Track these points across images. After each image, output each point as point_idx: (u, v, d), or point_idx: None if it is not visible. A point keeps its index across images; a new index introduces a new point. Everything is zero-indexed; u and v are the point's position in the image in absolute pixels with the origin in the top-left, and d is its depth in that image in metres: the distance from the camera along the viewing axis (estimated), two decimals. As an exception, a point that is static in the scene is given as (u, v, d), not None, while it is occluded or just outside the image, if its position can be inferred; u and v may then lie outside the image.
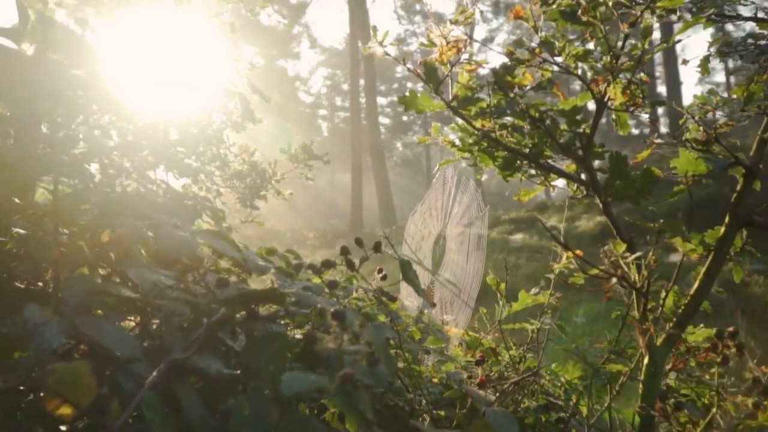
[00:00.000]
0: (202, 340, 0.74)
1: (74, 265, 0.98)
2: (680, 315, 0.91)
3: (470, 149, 0.98)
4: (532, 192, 1.18)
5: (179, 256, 0.75)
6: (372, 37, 1.10)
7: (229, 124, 3.12)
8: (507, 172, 1.01)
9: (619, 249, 0.81)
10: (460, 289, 1.43)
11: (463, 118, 0.92)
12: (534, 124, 0.82)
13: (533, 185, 1.31)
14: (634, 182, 0.86)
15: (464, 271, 1.43)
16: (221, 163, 3.36)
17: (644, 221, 0.92)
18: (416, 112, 0.98)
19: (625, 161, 0.86)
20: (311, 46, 54.78)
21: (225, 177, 3.46)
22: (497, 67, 0.80)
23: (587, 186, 0.89)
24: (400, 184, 43.61)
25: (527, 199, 1.20)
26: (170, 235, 0.77)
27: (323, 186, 43.93)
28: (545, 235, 16.23)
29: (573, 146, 0.87)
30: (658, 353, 0.87)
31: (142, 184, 2.20)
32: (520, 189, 1.19)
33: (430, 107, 0.97)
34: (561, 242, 0.82)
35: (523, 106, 0.84)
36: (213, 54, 2.91)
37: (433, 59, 1.00)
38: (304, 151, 3.89)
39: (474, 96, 0.89)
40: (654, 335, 0.85)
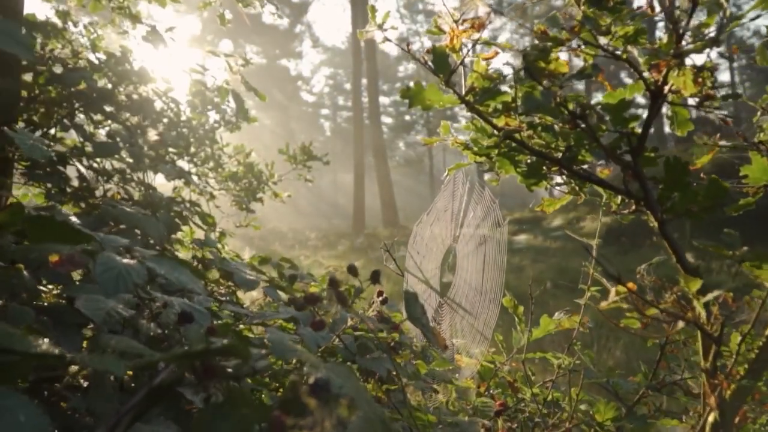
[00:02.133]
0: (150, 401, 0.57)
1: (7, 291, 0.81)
2: (755, 361, 0.74)
3: (488, 153, 0.81)
4: (558, 202, 1.01)
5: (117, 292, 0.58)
6: (370, 19, 0.93)
7: (222, 123, 2.95)
8: (532, 180, 0.84)
9: (693, 286, 0.64)
10: (474, 316, 1.25)
11: (481, 116, 0.75)
12: (573, 121, 0.66)
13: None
14: (697, 195, 0.69)
15: (478, 293, 1.25)
16: (215, 164, 3.20)
17: (719, 248, 0.74)
18: (423, 108, 0.81)
19: (686, 169, 0.69)
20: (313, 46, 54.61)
21: (219, 179, 3.30)
22: (528, 49, 0.63)
23: (637, 200, 0.72)
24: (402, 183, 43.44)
25: (552, 210, 1.03)
26: (107, 265, 0.60)
27: (325, 186, 43.80)
28: (549, 235, 16.02)
29: (619, 150, 0.70)
30: (728, 409, 0.70)
31: (123, 189, 2.04)
32: (543, 199, 1.02)
33: (440, 102, 0.80)
34: (614, 275, 0.66)
35: (559, 99, 0.68)
36: (205, 48, 2.75)
37: (443, 45, 0.83)
38: (303, 151, 3.72)
39: (495, 88, 0.72)
40: (725, 389, 0.69)
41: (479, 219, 1.28)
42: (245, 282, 1.54)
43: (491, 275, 1.20)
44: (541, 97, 0.64)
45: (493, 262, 1.20)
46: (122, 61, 2.34)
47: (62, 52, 2.33)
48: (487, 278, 1.21)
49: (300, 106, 44.95)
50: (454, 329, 1.33)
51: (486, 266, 1.22)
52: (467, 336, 1.27)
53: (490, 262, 1.21)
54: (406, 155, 49.31)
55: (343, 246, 16.21)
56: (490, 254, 1.21)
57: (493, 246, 1.21)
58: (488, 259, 1.22)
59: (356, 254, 14.05)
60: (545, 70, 0.62)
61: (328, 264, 12.78)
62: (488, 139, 0.82)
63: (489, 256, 1.22)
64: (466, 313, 1.27)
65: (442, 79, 0.79)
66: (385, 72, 41.56)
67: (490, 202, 1.28)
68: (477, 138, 0.95)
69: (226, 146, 3.11)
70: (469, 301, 1.30)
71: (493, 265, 1.20)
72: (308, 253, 15.01)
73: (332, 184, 45.95)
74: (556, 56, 0.64)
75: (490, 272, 1.21)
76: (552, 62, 0.63)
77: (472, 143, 0.99)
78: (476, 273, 1.26)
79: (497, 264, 1.19)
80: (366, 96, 25.08)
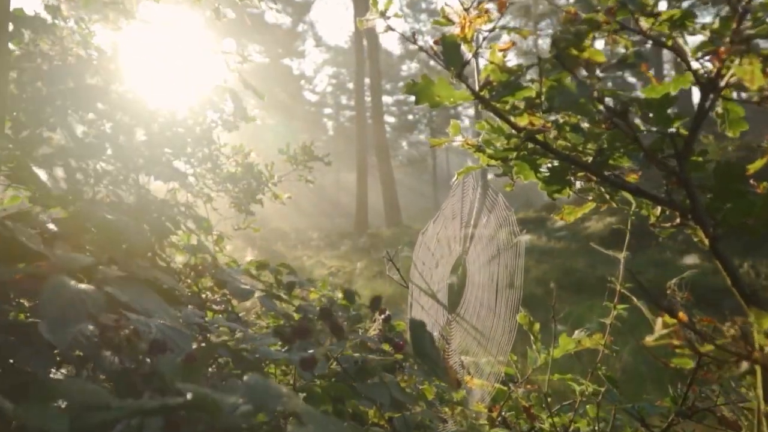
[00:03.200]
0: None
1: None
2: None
3: (505, 156, 0.71)
4: (579, 210, 0.91)
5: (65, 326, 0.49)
6: (372, 6, 0.83)
7: (220, 123, 2.86)
8: (554, 187, 0.75)
9: (765, 323, 0.54)
10: (486, 338, 1.15)
11: (498, 114, 0.65)
12: (609, 120, 0.56)
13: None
14: (754, 206, 0.59)
15: (491, 311, 1.15)
16: (213, 165, 3.11)
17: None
18: (431, 105, 0.71)
19: (741, 175, 0.59)
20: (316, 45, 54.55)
21: (217, 180, 3.20)
22: (558, 34, 0.53)
23: (682, 211, 0.62)
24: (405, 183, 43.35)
25: (573, 218, 0.93)
26: (56, 292, 0.51)
27: (328, 185, 43.75)
28: (554, 236, 15.88)
29: (661, 153, 0.60)
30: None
31: (113, 191, 1.94)
32: (564, 207, 0.92)
33: (450, 98, 0.70)
34: (662, 303, 0.56)
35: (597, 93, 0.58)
36: (200, 45, 2.65)
37: (454, 34, 0.73)
38: (304, 151, 3.63)
39: (516, 81, 0.62)
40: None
41: (492, 229, 1.17)
42: (239, 292, 1.45)
43: (507, 293, 1.09)
44: (577, 91, 0.54)
45: (508, 278, 1.09)
46: (114, 59, 2.25)
47: (53, 48, 2.24)
48: (501, 296, 1.11)
49: (303, 106, 44.88)
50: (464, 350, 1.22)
51: (500, 282, 1.12)
52: (479, 358, 1.17)
53: (505, 277, 1.11)
54: (409, 154, 49.22)
55: (345, 246, 16.12)
56: (505, 269, 1.11)
57: (509, 260, 1.10)
58: (503, 274, 1.12)
59: (359, 254, 13.95)
60: (579, 59, 0.53)
61: (331, 264, 12.70)
62: (505, 140, 0.73)
63: (504, 271, 1.11)
64: (478, 333, 1.17)
65: (453, 72, 0.69)
66: (388, 71, 41.47)
67: (504, 211, 1.17)
68: (491, 139, 0.85)
69: (224, 146, 3.02)
70: (481, 320, 1.19)
71: (508, 281, 1.09)
72: (311, 254, 14.93)
73: (335, 184, 45.89)
74: (590, 43, 0.54)
75: (505, 289, 1.10)
76: (586, 50, 0.53)
77: (485, 145, 0.89)
78: (489, 289, 1.16)
79: (513, 280, 1.09)
80: (369, 95, 24.99)
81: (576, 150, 0.68)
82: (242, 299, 1.43)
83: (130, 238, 1.15)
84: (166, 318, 0.58)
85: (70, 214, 1.20)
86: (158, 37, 2.64)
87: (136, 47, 2.57)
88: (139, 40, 2.58)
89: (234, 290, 1.41)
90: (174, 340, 0.72)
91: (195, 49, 2.72)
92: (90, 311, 0.50)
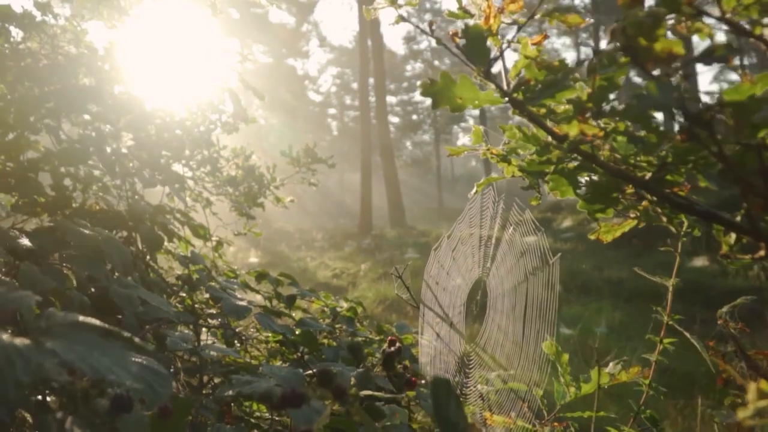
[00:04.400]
0: None
1: None
2: None
3: (541, 169, 0.60)
4: (618, 228, 0.79)
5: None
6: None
7: (219, 125, 2.75)
8: (597, 206, 0.63)
9: None
10: (510, 374, 1.03)
11: (536, 121, 0.53)
12: (689, 130, 0.44)
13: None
14: None
15: (517, 346, 1.01)
16: (212, 168, 3.00)
17: None
18: (452, 109, 0.60)
19: None
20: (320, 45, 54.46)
21: (217, 183, 3.10)
22: (623, 22, 0.42)
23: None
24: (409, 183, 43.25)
25: (610, 238, 0.81)
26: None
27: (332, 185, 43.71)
28: (560, 237, 15.71)
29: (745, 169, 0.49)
30: None
31: (103, 198, 1.83)
32: (600, 225, 0.80)
33: (475, 101, 0.59)
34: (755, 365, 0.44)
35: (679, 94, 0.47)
36: (200, 44, 2.55)
37: (479, 24, 0.62)
38: (307, 153, 3.52)
39: (563, 79, 0.50)
40: None
41: (519, 250, 1.04)
42: (235, 309, 1.34)
43: (536, 325, 0.96)
44: (659, 94, 0.43)
45: (538, 309, 0.96)
46: (107, 58, 2.14)
47: (44, 47, 2.14)
48: (530, 329, 0.97)
49: (307, 106, 44.79)
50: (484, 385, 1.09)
51: (529, 312, 0.98)
52: (502, 397, 1.04)
53: (535, 307, 0.97)
54: (413, 155, 49.10)
55: (350, 247, 16.01)
56: (535, 297, 0.98)
57: (539, 287, 0.97)
58: (532, 303, 0.98)
59: (363, 256, 13.84)
60: (652, 52, 0.41)
61: (335, 266, 12.59)
62: (540, 151, 0.61)
63: (533, 300, 0.98)
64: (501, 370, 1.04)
65: (479, 70, 0.57)
66: (393, 71, 41.36)
67: (532, 228, 1.04)
68: (516, 147, 0.74)
69: (223, 148, 2.91)
70: (506, 355, 1.06)
71: (538, 312, 0.96)
72: (314, 255, 14.82)
73: (339, 184, 45.83)
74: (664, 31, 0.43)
75: (534, 321, 0.97)
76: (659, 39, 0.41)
77: (510, 153, 0.77)
78: (515, 320, 1.02)
79: (545, 311, 0.95)
80: (373, 95, 24.89)
81: (627, 163, 0.57)
82: (238, 318, 1.32)
83: (111, 257, 1.04)
84: (125, 379, 0.47)
85: (45, 228, 1.08)
86: (156, 36, 2.53)
87: (132, 46, 2.47)
88: (135, 39, 2.47)
89: (229, 308, 1.30)
90: (149, 385, 0.61)
91: (194, 48, 2.61)
92: (20, 378, 0.39)
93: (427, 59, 42.47)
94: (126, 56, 2.37)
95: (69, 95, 1.91)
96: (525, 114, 0.55)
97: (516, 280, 1.03)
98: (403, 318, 8.05)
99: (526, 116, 0.55)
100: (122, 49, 2.36)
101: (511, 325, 1.04)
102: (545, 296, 0.91)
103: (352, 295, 10.08)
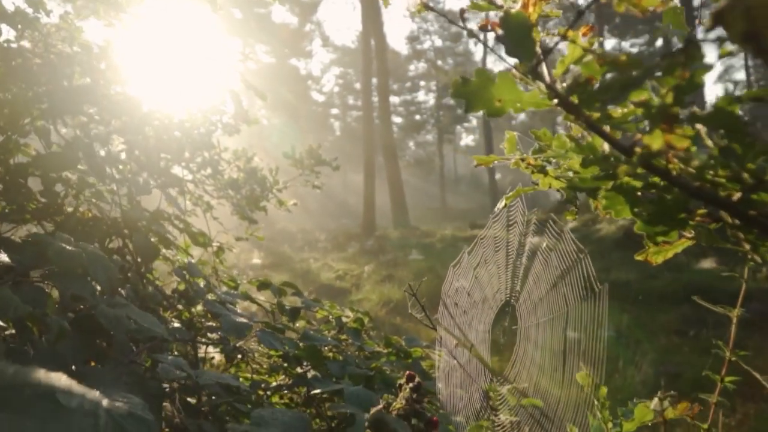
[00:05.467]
0: None
1: None
2: None
3: (596, 186, 0.50)
4: (671, 249, 0.70)
5: None
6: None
7: (220, 126, 2.65)
8: (660, 229, 0.53)
9: None
10: (549, 419, 0.90)
11: (597, 130, 0.44)
12: None
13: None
14: None
15: (557, 385, 0.89)
16: (213, 170, 2.90)
17: None
18: (489, 113, 0.50)
19: None
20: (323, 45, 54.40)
21: (218, 186, 3.00)
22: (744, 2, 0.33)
23: None
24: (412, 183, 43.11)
25: (660, 260, 0.71)
26: None
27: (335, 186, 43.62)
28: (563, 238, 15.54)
29: None
30: None
31: (96, 205, 1.74)
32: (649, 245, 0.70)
33: (517, 103, 0.49)
34: None
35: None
36: (200, 43, 2.45)
37: (520, 10, 0.52)
38: (310, 155, 3.42)
39: (636, 79, 0.41)
40: None
41: (556, 274, 0.93)
42: (235, 327, 1.24)
43: (579, 364, 0.84)
44: None
45: (581, 344, 0.84)
46: (102, 57, 2.05)
47: (37, 46, 2.05)
48: (571, 366, 0.86)
49: (310, 106, 44.70)
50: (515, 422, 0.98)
51: (569, 347, 0.87)
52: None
53: (577, 343, 0.85)
54: (416, 155, 48.98)
55: (353, 248, 15.89)
56: (577, 331, 0.86)
57: (583, 319, 0.86)
58: (573, 338, 0.87)
59: (366, 257, 13.73)
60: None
61: (338, 267, 12.49)
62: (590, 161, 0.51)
63: (575, 334, 0.87)
64: (537, 411, 0.93)
65: (524, 66, 0.47)
66: (396, 71, 41.24)
67: (572, 249, 0.92)
68: (555, 156, 0.64)
69: (224, 151, 2.81)
70: (540, 394, 0.95)
71: (580, 347, 0.84)
72: (318, 256, 14.72)
73: (341, 184, 45.73)
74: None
75: (576, 357, 0.85)
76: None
77: (549, 163, 0.67)
78: (552, 354, 0.91)
79: (591, 349, 0.83)
80: (376, 95, 24.80)
81: (702, 179, 0.47)
82: (238, 336, 1.22)
83: (96, 275, 0.94)
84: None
85: (22, 241, 0.99)
86: (155, 35, 2.44)
87: (130, 45, 2.37)
88: (133, 38, 2.38)
89: (228, 326, 1.20)
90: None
91: (194, 47, 2.52)
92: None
93: (430, 59, 42.37)
94: (123, 55, 2.28)
95: (61, 96, 1.82)
96: (582, 121, 0.45)
97: (552, 309, 0.91)
98: (407, 321, 7.93)
99: (585, 123, 0.45)
100: (119, 48, 2.27)
101: (547, 362, 0.93)
102: (590, 331, 0.80)
103: (356, 297, 9.98)
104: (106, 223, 1.58)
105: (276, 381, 1.73)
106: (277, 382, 1.71)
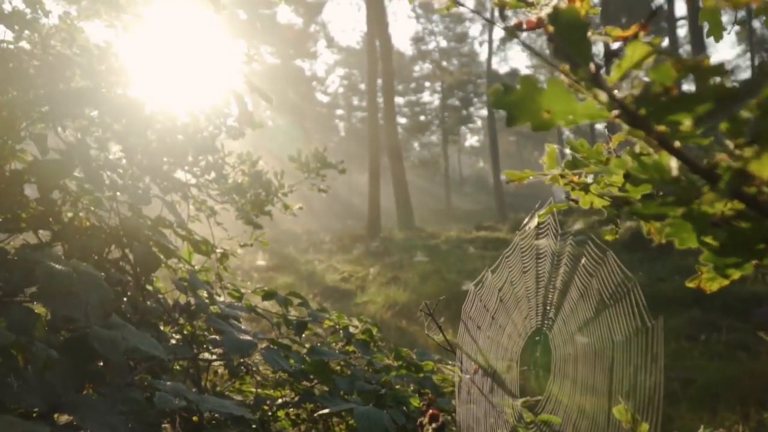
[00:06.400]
0: None
1: None
2: None
3: (663, 213, 0.43)
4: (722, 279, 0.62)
5: None
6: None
7: (223, 129, 2.59)
8: (733, 260, 0.46)
9: None
10: None
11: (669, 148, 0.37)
12: None
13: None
14: None
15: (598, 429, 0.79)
16: (217, 174, 2.84)
17: None
18: (534, 127, 0.43)
19: None
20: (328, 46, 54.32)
21: (222, 191, 2.93)
22: None
23: None
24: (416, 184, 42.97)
25: (717, 287, 0.64)
26: None
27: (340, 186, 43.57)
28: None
29: None
30: None
31: (94, 213, 1.67)
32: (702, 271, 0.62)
33: (569, 115, 0.42)
34: None
35: None
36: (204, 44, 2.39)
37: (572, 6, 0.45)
38: (316, 158, 3.34)
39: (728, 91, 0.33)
40: None
41: (596, 300, 0.84)
42: (238, 346, 1.17)
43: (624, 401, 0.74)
44: None
45: (628, 382, 0.74)
46: (103, 58, 1.98)
47: (36, 47, 1.98)
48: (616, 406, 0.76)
49: (314, 107, 44.65)
50: None
51: (615, 384, 0.77)
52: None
53: (625, 380, 0.76)
54: (421, 156, 48.83)
55: (358, 250, 15.81)
56: (623, 368, 0.76)
57: (631, 355, 0.77)
58: (620, 374, 0.78)
59: (372, 259, 13.64)
60: None
61: (343, 269, 12.41)
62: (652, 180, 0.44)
63: (621, 371, 0.77)
64: None
65: (582, 73, 0.40)
66: (401, 72, 41.15)
67: (617, 274, 0.82)
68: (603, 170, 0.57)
69: (228, 154, 2.75)
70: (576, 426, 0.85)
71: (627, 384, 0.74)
72: (322, 257, 14.65)
73: (346, 185, 45.66)
74: None
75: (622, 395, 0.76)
76: None
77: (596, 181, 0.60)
78: (593, 392, 0.82)
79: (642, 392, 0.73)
80: (381, 96, 24.72)
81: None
82: (241, 355, 1.15)
83: (88, 296, 0.87)
84: None
85: (18, 260, 0.92)
86: (157, 35, 2.38)
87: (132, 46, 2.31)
88: (135, 39, 2.32)
89: (231, 345, 1.13)
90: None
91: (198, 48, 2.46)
92: None
93: (435, 60, 42.25)
94: (125, 57, 2.22)
95: (62, 98, 1.75)
96: (652, 136, 0.38)
97: (594, 342, 0.83)
98: (413, 324, 7.84)
99: (657, 140, 0.37)
100: (121, 49, 2.21)
101: (588, 403, 0.84)
102: (641, 370, 0.71)
103: (361, 299, 9.89)
104: (105, 231, 1.51)
105: (282, 395, 1.66)
106: (283, 397, 1.63)
